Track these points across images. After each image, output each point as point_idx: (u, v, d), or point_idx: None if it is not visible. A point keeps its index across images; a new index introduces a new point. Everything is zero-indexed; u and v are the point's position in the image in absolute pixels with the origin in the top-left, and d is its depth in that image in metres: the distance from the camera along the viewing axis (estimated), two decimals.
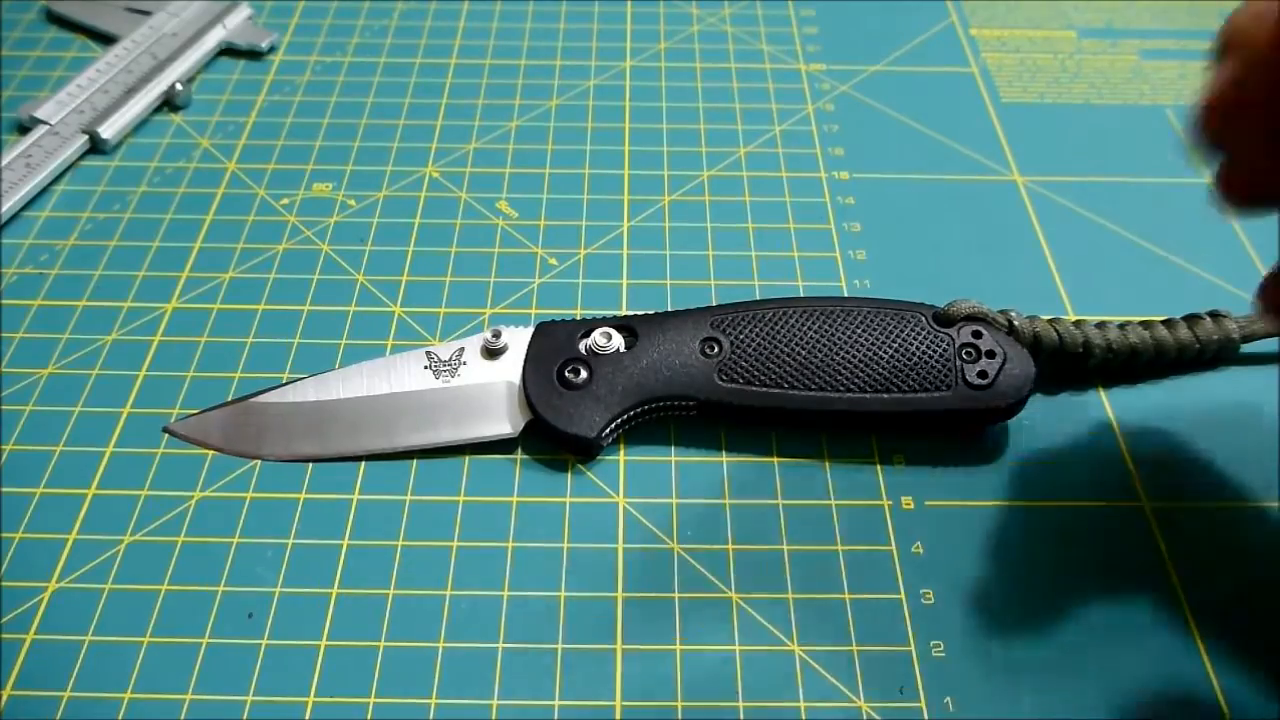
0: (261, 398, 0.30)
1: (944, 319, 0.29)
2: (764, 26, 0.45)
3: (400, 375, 0.29)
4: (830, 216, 0.36)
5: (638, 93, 0.41)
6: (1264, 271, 0.34)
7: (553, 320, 0.30)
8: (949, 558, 0.27)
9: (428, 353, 0.30)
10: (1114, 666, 0.25)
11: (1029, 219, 0.36)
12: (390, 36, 0.44)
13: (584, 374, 0.29)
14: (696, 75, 0.42)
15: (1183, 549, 0.27)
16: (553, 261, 0.34)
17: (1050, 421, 0.30)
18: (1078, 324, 0.30)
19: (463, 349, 0.30)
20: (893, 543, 0.27)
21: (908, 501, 0.28)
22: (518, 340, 0.30)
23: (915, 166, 0.38)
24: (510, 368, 0.29)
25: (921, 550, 0.27)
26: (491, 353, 0.29)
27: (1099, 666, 0.25)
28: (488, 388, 0.29)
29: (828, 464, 0.29)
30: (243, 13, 0.43)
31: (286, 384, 0.30)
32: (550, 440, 0.29)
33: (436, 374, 0.29)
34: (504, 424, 0.29)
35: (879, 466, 0.29)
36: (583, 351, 0.29)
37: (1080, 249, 0.35)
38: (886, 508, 0.28)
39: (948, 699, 0.24)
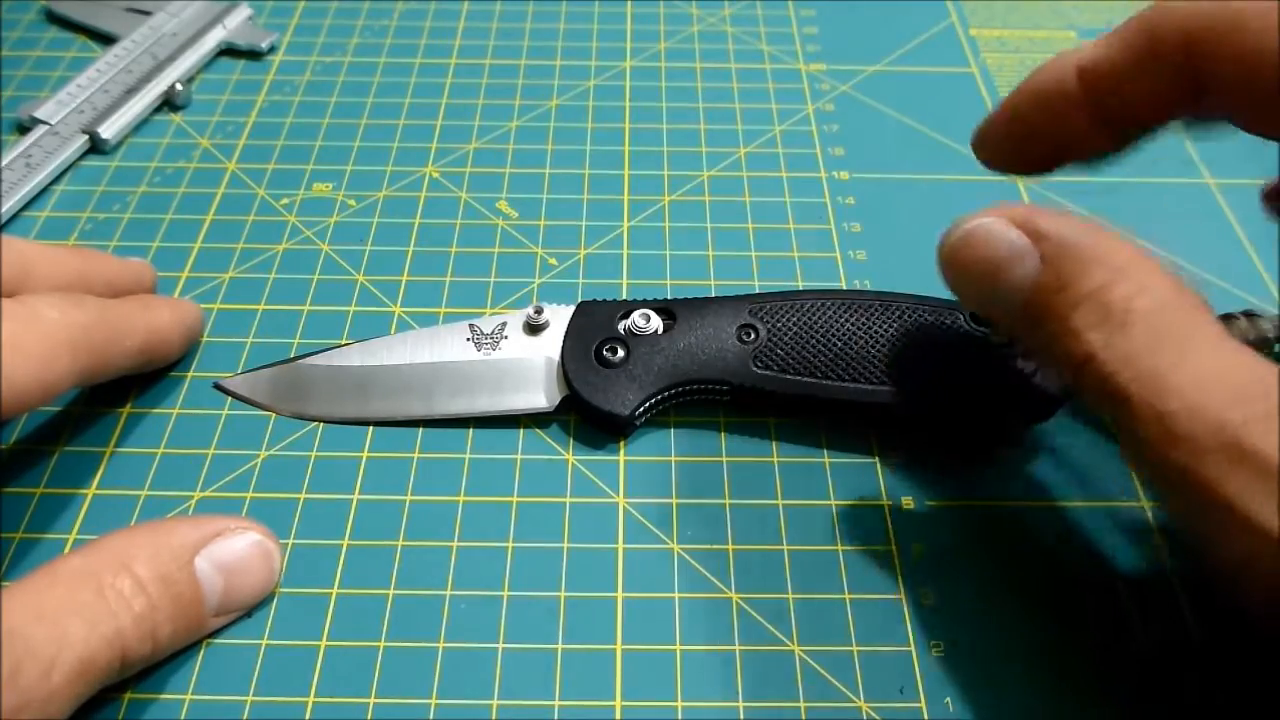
0: (309, 359, 0.31)
1: (982, 319, 0.29)
2: (764, 26, 0.45)
3: (443, 346, 0.30)
4: (830, 216, 0.36)
5: (638, 93, 0.41)
6: (1263, 271, 0.34)
7: (594, 300, 0.31)
8: (949, 558, 0.27)
9: (470, 325, 0.30)
10: (1114, 667, 0.25)
11: None
12: (390, 36, 0.44)
13: (621, 353, 0.29)
14: (696, 75, 0.42)
15: (1183, 549, 0.27)
16: (553, 262, 0.34)
17: (1049, 422, 0.29)
18: None
19: (505, 323, 0.30)
20: (893, 543, 0.27)
21: (908, 501, 0.28)
22: (559, 318, 0.30)
23: (915, 166, 0.38)
24: (550, 344, 0.30)
25: (922, 551, 0.27)
26: (533, 328, 0.30)
27: (1099, 667, 0.25)
28: (527, 362, 0.30)
29: (827, 464, 0.29)
30: (243, 13, 0.43)
31: (333, 348, 0.31)
32: (585, 416, 0.29)
33: (478, 346, 0.30)
34: (540, 398, 0.29)
35: (879, 466, 0.29)
36: (621, 331, 0.29)
37: None
38: (886, 508, 0.28)
39: (948, 699, 0.24)
